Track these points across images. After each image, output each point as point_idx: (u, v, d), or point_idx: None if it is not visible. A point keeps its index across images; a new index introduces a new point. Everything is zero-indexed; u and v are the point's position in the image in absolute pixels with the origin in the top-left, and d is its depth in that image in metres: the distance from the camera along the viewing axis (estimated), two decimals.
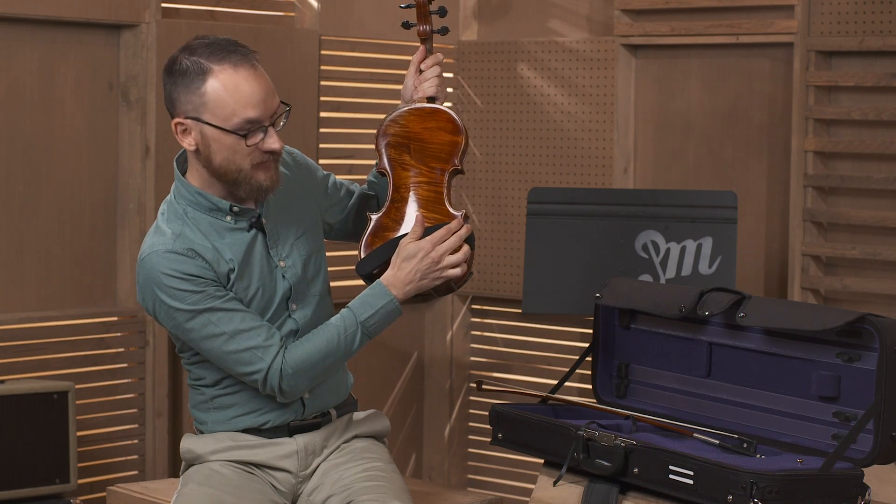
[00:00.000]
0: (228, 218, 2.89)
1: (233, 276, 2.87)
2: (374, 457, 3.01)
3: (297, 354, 2.88)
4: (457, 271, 2.96)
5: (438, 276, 2.95)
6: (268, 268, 2.92)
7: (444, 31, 3.20)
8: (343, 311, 2.94)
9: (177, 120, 2.83)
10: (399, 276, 2.94)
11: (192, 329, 2.84)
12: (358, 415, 3.10)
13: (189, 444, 3.00)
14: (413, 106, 3.10)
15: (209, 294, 2.82)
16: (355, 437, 3.06)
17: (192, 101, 2.80)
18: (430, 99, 3.11)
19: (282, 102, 2.87)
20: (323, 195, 3.12)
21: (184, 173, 2.93)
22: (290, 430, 2.97)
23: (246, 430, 2.96)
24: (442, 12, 3.20)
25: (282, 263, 2.94)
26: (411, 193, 3.04)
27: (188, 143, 2.83)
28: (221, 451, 2.95)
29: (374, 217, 3.03)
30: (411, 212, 3.03)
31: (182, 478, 3.00)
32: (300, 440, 2.98)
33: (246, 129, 2.80)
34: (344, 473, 2.95)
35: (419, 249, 2.94)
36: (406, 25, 3.21)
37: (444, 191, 3.04)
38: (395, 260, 2.95)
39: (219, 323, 2.83)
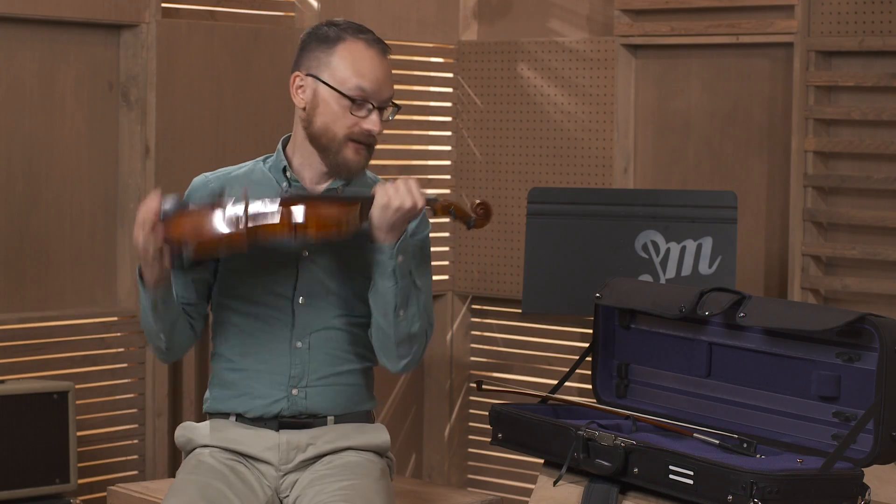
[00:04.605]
0: (284, 184, 2.96)
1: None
2: (361, 473, 2.94)
3: None
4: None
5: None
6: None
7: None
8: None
9: (296, 73, 2.95)
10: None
11: None
12: (360, 427, 3.05)
13: (181, 430, 3.05)
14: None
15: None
16: (349, 448, 3.01)
17: (319, 58, 2.92)
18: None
19: (393, 103, 2.95)
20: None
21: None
22: (279, 424, 2.97)
23: (237, 415, 2.99)
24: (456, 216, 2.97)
25: (305, 253, 2.95)
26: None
27: (300, 99, 2.95)
28: (208, 436, 2.98)
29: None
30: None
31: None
32: (283, 435, 2.96)
33: (356, 96, 2.89)
34: (324, 488, 2.90)
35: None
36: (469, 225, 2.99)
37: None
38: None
39: None
